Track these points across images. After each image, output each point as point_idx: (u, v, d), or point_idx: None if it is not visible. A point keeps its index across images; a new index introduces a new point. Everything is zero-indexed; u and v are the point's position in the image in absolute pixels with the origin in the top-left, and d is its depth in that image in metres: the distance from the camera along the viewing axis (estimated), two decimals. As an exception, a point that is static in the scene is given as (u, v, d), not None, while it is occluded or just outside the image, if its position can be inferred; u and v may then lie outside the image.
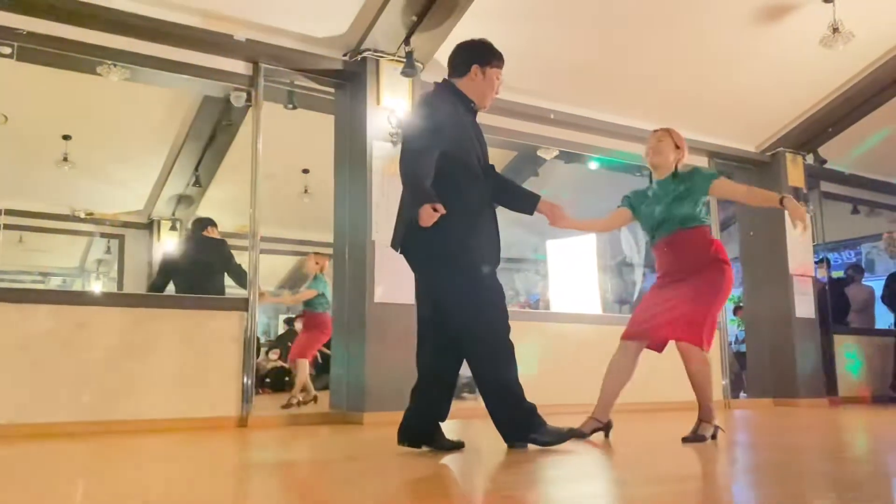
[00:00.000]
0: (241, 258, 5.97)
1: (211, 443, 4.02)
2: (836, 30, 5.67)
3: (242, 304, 5.10)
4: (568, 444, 3.27)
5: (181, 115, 7.21)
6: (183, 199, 9.04)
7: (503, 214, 9.34)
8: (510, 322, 3.20)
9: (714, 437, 3.56)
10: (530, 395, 6.21)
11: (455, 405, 3.48)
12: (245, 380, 4.98)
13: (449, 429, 4.00)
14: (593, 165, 7.59)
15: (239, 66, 5.35)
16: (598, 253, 9.55)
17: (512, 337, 3.23)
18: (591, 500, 2.20)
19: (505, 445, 3.26)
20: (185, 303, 5.27)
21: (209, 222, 6.51)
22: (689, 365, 3.52)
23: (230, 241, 9.79)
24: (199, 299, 5.34)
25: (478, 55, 3.25)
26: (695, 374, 3.53)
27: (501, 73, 3.33)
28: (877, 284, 8.79)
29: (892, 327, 8.25)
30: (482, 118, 6.56)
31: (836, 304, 8.25)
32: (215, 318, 5.03)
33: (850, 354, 7.96)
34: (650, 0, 5.67)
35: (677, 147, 3.74)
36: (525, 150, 7.66)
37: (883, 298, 8.29)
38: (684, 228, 3.61)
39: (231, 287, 6.24)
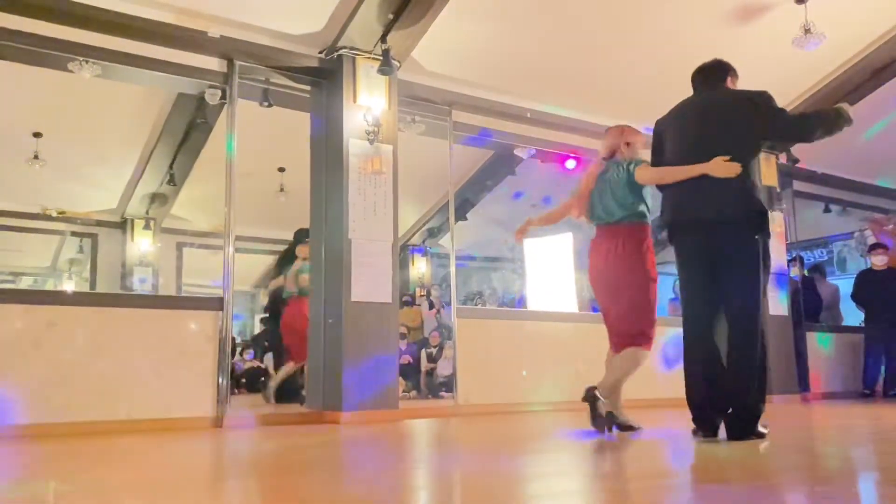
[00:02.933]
0: (216, 257, 5.90)
1: (186, 444, 3.98)
2: (808, 31, 5.74)
3: (217, 304, 5.05)
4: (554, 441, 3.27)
5: (155, 112, 7.12)
6: (157, 198, 8.93)
7: (481, 214, 9.26)
8: (490, 321, 3.26)
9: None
10: (507, 394, 6.23)
11: (433, 404, 3.46)
12: (220, 380, 4.93)
13: (431, 428, 4.00)
14: (570, 165, 7.61)
15: (213, 63, 5.29)
16: (574, 252, 9.61)
17: (489, 335, 3.28)
18: (570, 496, 2.21)
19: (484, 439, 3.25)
20: (159, 302, 5.21)
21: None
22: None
23: (205, 241, 9.79)
24: (174, 299, 5.29)
25: (731, 69, 3.77)
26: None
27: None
28: (848, 282, 8.91)
29: (863, 325, 8.37)
30: (460, 117, 6.60)
31: (809, 302, 8.36)
32: (190, 317, 4.98)
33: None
34: (628, 5, 5.71)
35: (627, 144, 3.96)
36: (502, 149, 7.68)
37: (853, 296, 8.41)
38: (618, 223, 3.78)
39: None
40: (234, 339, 8.53)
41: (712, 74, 3.72)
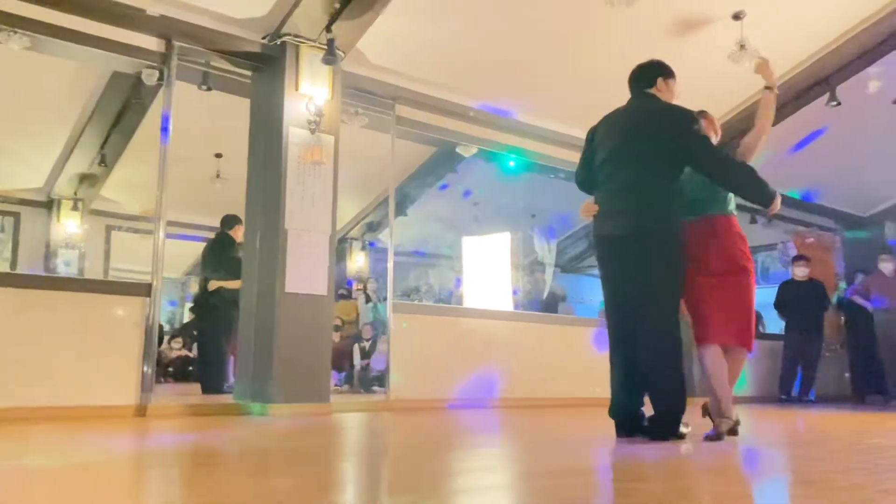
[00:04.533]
0: (146, 242, 5.75)
1: (106, 432, 3.86)
2: (742, 46, 5.94)
3: (145, 290, 4.91)
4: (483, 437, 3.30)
5: (87, 89, 6.87)
6: (86, 178, 8.64)
7: (422, 210, 9.30)
8: (425, 317, 3.23)
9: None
10: (440, 389, 6.26)
11: (365, 398, 3.45)
12: (145, 368, 4.80)
13: (362, 422, 3.99)
14: (511, 165, 7.70)
15: (151, 43, 5.14)
16: (511, 251, 9.73)
17: (424, 331, 3.26)
18: (495, 491, 2.24)
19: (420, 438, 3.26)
20: (84, 286, 5.04)
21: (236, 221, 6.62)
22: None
23: (135, 224, 9.51)
24: (99, 283, 5.13)
25: (663, 70, 3.69)
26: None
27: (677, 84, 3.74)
28: (770, 292, 9.25)
29: (783, 332, 8.71)
30: (404, 112, 6.59)
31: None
32: (116, 302, 4.83)
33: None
34: (572, 9, 5.80)
35: (715, 133, 3.80)
36: (444, 146, 7.70)
37: (775, 304, 8.74)
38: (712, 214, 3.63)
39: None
40: (161, 326, 8.33)
41: (641, 79, 3.68)
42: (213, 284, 6.59)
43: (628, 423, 3.53)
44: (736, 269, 3.59)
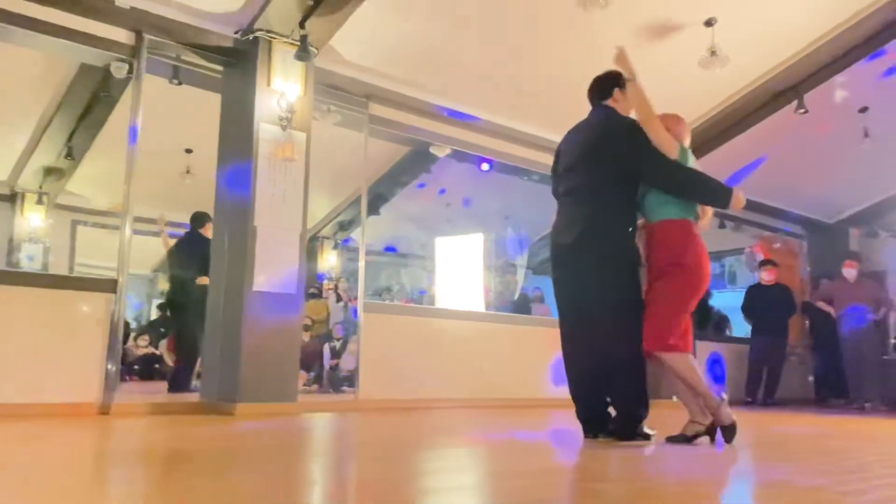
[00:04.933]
0: (113, 237, 5.65)
1: (66, 430, 3.79)
2: (714, 53, 6.01)
3: (110, 286, 4.82)
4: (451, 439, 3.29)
5: (54, 81, 6.73)
6: (52, 172, 8.48)
7: (395, 209, 9.28)
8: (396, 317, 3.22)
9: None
10: (409, 390, 6.24)
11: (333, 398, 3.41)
12: (109, 365, 4.72)
13: (330, 422, 3.95)
14: (485, 166, 7.71)
15: (121, 35, 5.05)
16: (484, 252, 9.74)
17: (395, 331, 3.24)
18: (462, 491, 2.24)
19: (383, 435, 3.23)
20: (47, 281, 4.94)
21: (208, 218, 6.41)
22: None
23: (102, 220, 9.36)
24: (63, 278, 5.03)
25: (619, 80, 3.73)
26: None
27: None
28: (737, 296, 9.38)
29: (750, 336, 8.82)
30: (377, 110, 6.56)
31: (699, 313, 8.76)
32: (80, 298, 4.74)
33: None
34: (546, 13, 5.82)
35: (676, 137, 3.64)
36: (418, 146, 7.68)
37: (743, 308, 8.86)
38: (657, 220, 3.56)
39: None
40: (128, 324, 8.21)
41: (598, 92, 3.78)
42: (203, 280, 6.48)
43: (595, 425, 3.56)
44: (661, 272, 3.48)
